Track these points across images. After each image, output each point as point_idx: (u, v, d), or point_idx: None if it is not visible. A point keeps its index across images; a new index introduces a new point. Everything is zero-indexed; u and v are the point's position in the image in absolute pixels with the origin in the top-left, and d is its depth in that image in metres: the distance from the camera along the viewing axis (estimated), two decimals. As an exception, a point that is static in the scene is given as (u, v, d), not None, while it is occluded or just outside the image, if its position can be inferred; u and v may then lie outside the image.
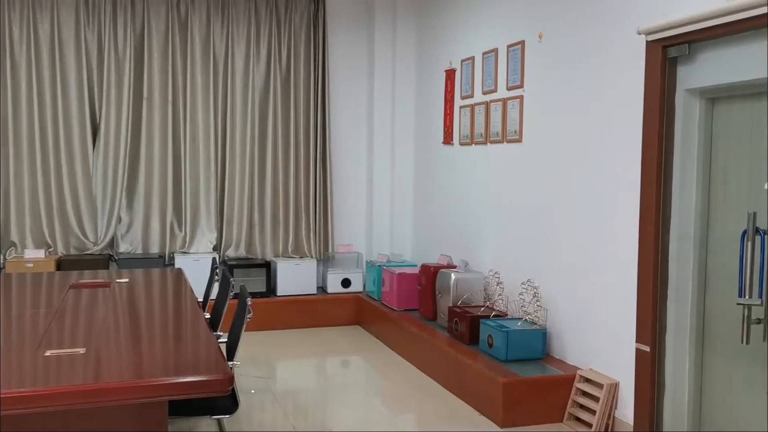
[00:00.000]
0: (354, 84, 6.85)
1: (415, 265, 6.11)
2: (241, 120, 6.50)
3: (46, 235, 6.07)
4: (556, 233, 4.43)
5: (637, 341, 3.68)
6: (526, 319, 4.51)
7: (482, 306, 4.99)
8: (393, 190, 6.74)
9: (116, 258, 6.16)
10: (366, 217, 6.94)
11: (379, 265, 6.21)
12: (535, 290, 4.58)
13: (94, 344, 2.84)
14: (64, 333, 3.05)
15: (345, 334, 6.19)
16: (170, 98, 6.29)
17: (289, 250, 6.67)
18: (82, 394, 2.32)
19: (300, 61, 6.59)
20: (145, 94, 6.24)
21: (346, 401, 4.52)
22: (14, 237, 5.99)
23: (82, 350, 2.73)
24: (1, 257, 5.92)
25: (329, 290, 6.56)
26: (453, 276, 5.12)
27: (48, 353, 2.68)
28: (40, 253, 5.89)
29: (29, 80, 5.93)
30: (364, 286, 6.63)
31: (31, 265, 5.75)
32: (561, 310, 4.38)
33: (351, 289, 6.59)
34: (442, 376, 4.75)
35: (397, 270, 5.90)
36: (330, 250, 6.74)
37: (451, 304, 5.08)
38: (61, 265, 5.87)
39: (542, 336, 4.37)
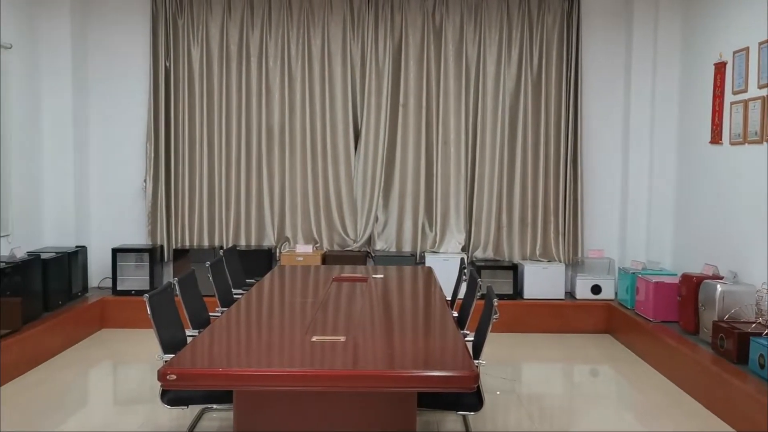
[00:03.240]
0: (608, 82, 6.56)
1: (675, 274, 5.67)
2: (491, 123, 6.57)
3: (314, 232, 6.68)
4: None
5: None
6: (808, 341, 3.96)
7: (753, 322, 4.48)
8: (651, 192, 6.33)
9: (373, 255, 6.58)
10: (619, 221, 6.61)
11: (634, 273, 5.87)
12: (820, 309, 4.00)
13: (353, 333, 3.07)
14: (327, 322, 3.33)
15: (594, 342, 5.95)
16: (424, 103, 6.56)
17: (537, 253, 6.59)
18: (341, 378, 2.53)
19: (552, 62, 6.48)
20: (401, 101, 6.58)
21: (595, 411, 4.34)
22: (288, 233, 6.69)
23: (342, 338, 2.97)
24: (278, 251, 6.65)
25: (578, 296, 6.36)
26: (719, 288, 4.67)
27: (314, 339, 2.96)
28: (309, 248, 6.51)
29: (303, 91, 6.58)
30: (616, 293, 6.32)
31: (301, 258, 6.37)
32: None
33: (601, 296, 6.31)
34: (702, 394, 4.36)
35: (654, 278, 5.53)
36: (579, 255, 6.53)
37: (716, 318, 4.64)
38: (326, 259, 6.42)
39: (829, 362, 3.81)
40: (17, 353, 4.77)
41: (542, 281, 6.34)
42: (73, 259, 5.92)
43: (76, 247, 6.07)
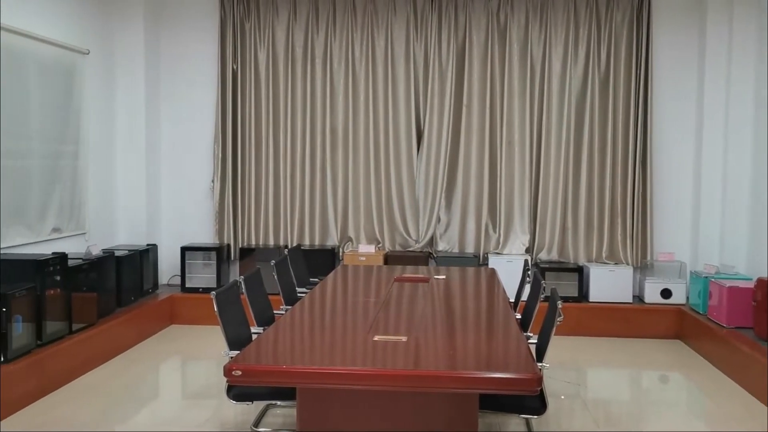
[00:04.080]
0: (680, 81, 6.37)
1: (750, 279, 5.45)
2: (557, 123, 6.46)
3: (376, 232, 6.71)
4: None
5: None
6: None
7: (836, 331, 4.26)
8: (724, 193, 6.11)
9: (435, 256, 6.57)
10: (691, 223, 6.40)
11: (706, 276, 5.67)
12: None
13: (414, 334, 3.07)
14: (389, 321, 3.35)
15: (663, 348, 5.78)
16: (488, 104, 6.51)
17: (603, 256, 6.45)
18: (403, 378, 2.53)
19: (620, 61, 6.33)
20: (464, 101, 6.55)
21: (664, 419, 4.22)
22: (351, 233, 6.75)
23: (404, 338, 2.98)
24: (341, 250, 6.71)
25: (647, 300, 6.18)
26: (797, 293, 4.47)
27: (376, 338, 2.97)
28: (371, 248, 6.54)
29: (366, 93, 6.63)
30: (687, 298, 6.12)
31: (364, 258, 6.41)
32: None
33: (672, 300, 6.13)
34: (780, 406, 4.17)
35: (728, 283, 5.33)
36: (648, 258, 6.35)
37: (793, 326, 4.44)
38: (388, 259, 6.45)
39: None
40: (93, 346, 4.97)
41: (609, 284, 6.20)
42: (145, 257, 6.12)
43: (148, 245, 6.28)
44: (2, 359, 4.12)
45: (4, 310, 4.09)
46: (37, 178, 5.22)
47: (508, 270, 6.07)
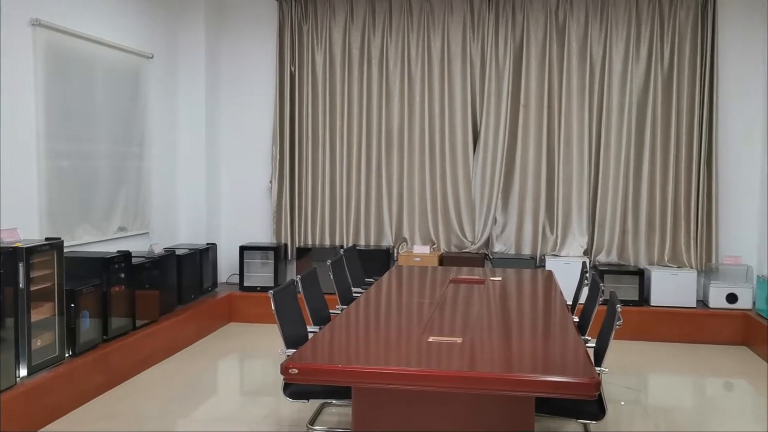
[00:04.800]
0: (747, 79, 6.16)
1: (822, 284, 5.23)
2: (617, 122, 6.33)
3: (431, 232, 6.70)
4: None
5: None
6: None
7: None
8: (794, 196, 5.87)
9: (491, 257, 6.51)
10: (758, 226, 6.17)
11: (774, 281, 5.47)
12: None
13: (470, 335, 3.05)
14: (444, 322, 3.34)
15: (728, 354, 5.59)
16: (546, 104, 6.42)
17: (666, 259, 6.28)
18: (458, 380, 2.52)
19: (684, 58, 6.16)
20: (522, 101, 6.48)
21: (728, 428, 4.08)
22: (405, 233, 6.75)
23: (459, 339, 2.96)
24: (396, 251, 6.73)
25: (711, 305, 5.99)
26: None
27: (430, 339, 2.97)
28: (426, 249, 6.53)
29: (422, 93, 6.62)
30: (754, 303, 5.90)
31: (418, 259, 6.41)
32: None
33: (738, 305, 5.92)
34: None
35: (797, 288, 5.13)
36: (713, 261, 6.16)
37: None
38: (443, 260, 6.43)
39: None
40: (155, 342, 5.11)
41: (671, 288, 6.03)
42: (204, 256, 6.26)
43: (207, 244, 6.42)
44: (71, 353, 4.28)
45: (72, 305, 4.24)
46: (104, 179, 5.40)
47: (566, 272, 5.97)
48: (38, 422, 3.85)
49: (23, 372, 3.86)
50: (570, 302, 4.36)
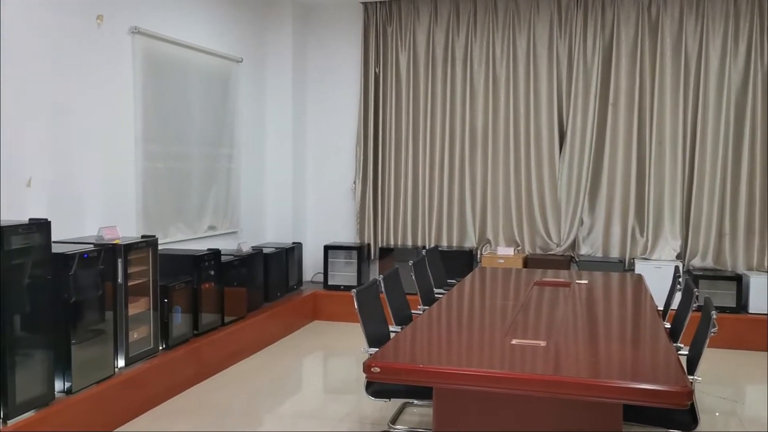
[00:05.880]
0: None
1: None
2: (714, 121, 6.05)
3: (515, 234, 6.60)
4: None
5: None
6: None
7: None
8: None
9: (577, 260, 6.36)
10: None
11: None
12: None
13: (554, 339, 2.99)
14: (528, 325, 3.28)
15: (836, 368, 5.25)
16: (636, 102, 6.22)
17: (766, 264, 5.95)
18: (541, 383, 2.48)
19: (787, 51, 5.84)
20: (611, 100, 6.29)
21: (834, 446, 3.83)
22: (489, 235, 6.69)
23: (543, 343, 2.91)
24: (479, 252, 6.67)
25: (816, 314, 5.64)
26: None
27: (513, 342, 2.93)
28: (510, 251, 6.45)
29: (507, 93, 6.54)
30: None
31: (502, 261, 6.33)
32: None
33: None
34: None
35: None
36: (819, 268, 5.80)
37: None
38: (527, 262, 6.32)
39: None
40: (242, 338, 5.27)
41: (771, 295, 5.72)
42: (290, 255, 6.40)
43: (293, 243, 6.56)
44: (164, 346, 4.47)
45: (165, 301, 4.43)
46: (196, 180, 5.61)
47: (657, 276, 5.76)
48: (135, 410, 4.04)
49: (121, 363, 4.06)
50: (661, 308, 4.20)
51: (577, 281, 4.52)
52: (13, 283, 3.26)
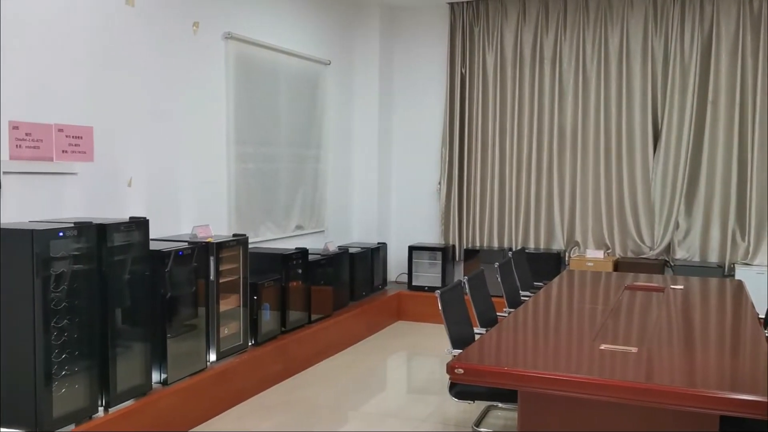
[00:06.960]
0: None
1: None
2: (823, 118, 5.69)
3: (606, 237, 6.41)
4: None
5: None
6: None
7: None
8: None
9: (672, 264, 6.11)
10: None
11: None
12: None
13: (647, 345, 2.88)
14: (618, 330, 3.18)
15: None
16: (738, 100, 5.92)
17: None
18: (632, 391, 2.39)
19: None
20: (709, 98, 6.02)
21: None
22: (578, 237, 6.52)
23: (634, 349, 2.81)
24: (567, 255, 6.52)
25: None
26: None
27: (603, 347, 2.85)
28: (599, 254, 6.27)
29: (597, 92, 6.37)
30: None
31: (591, 264, 6.16)
32: None
33: None
34: None
35: None
36: None
37: None
38: (618, 266, 6.12)
39: None
40: (328, 336, 5.35)
41: None
42: (375, 255, 6.45)
43: (378, 243, 6.61)
44: (253, 342, 4.60)
45: (255, 298, 4.56)
46: (285, 180, 5.74)
47: (759, 283, 5.46)
48: (225, 404, 4.18)
49: (212, 357, 4.21)
50: (762, 315, 3.98)
51: (672, 286, 4.35)
52: (115, 278, 3.44)
